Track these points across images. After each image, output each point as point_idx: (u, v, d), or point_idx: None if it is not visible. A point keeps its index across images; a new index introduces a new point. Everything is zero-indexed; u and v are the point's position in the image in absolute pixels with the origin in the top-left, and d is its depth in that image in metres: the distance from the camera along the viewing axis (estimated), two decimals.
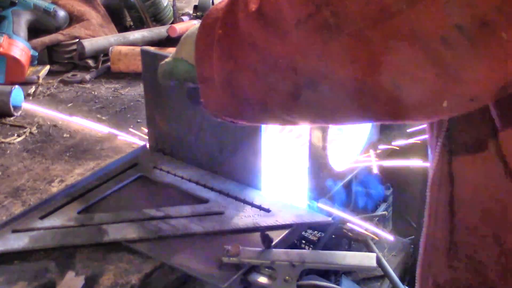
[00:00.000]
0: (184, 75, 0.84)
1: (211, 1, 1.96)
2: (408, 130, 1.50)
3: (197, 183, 1.09)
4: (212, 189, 1.07)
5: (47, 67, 1.69)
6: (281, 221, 0.99)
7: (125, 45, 1.74)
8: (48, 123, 1.39)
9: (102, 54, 1.75)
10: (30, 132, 1.34)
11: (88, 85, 1.63)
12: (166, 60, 0.88)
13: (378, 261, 1.91)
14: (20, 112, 1.44)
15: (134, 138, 1.27)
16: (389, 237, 1.22)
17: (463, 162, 0.66)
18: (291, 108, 0.64)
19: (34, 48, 1.67)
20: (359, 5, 0.51)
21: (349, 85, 0.56)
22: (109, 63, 1.71)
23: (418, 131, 1.39)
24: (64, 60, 1.75)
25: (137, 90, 1.59)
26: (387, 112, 0.57)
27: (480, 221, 0.65)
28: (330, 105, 0.60)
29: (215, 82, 0.70)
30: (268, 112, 0.68)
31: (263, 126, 1.01)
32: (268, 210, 1.01)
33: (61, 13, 1.79)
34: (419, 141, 1.31)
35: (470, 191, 0.66)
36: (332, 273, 2.08)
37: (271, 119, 0.70)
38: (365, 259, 0.90)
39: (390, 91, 0.54)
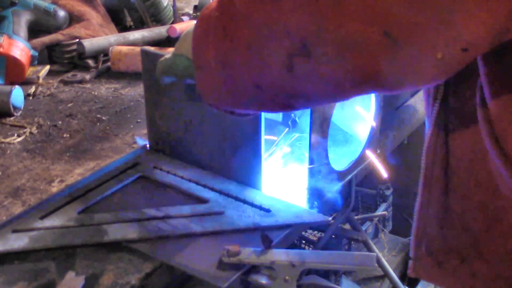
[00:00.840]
0: (183, 71, 0.84)
1: (211, 1, 1.96)
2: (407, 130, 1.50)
3: (197, 183, 1.09)
4: (212, 189, 1.07)
5: (47, 67, 1.69)
6: (281, 221, 0.99)
7: (125, 45, 1.74)
8: (48, 123, 1.39)
9: (102, 54, 1.75)
10: (30, 132, 1.34)
11: (88, 85, 1.63)
12: (166, 56, 0.88)
13: (378, 261, 1.91)
14: (20, 112, 1.44)
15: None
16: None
17: (457, 131, 0.67)
18: (285, 84, 0.64)
19: (34, 48, 1.67)
20: None
21: (341, 44, 0.56)
22: (109, 63, 1.71)
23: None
24: (64, 60, 1.75)
25: (137, 90, 1.59)
26: (387, 75, 0.56)
27: (473, 188, 0.67)
28: (323, 71, 0.59)
29: (211, 68, 0.70)
30: (263, 94, 0.67)
31: (263, 127, 1.01)
32: (268, 210, 1.01)
33: (61, 13, 1.79)
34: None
35: (464, 159, 0.68)
36: (332, 273, 2.08)
37: (267, 103, 0.69)
38: (365, 259, 0.90)
39: (383, 43, 0.53)
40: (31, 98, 1.54)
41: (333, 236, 1.99)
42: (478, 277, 0.70)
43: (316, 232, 2.18)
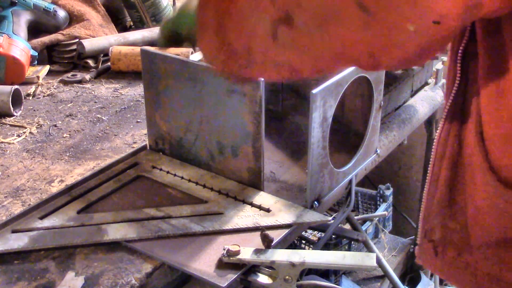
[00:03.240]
0: (188, 26, 0.84)
1: None
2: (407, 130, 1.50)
3: (197, 183, 1.09)
4: (212, 189, 1.07)
5: (47, 67, 1.69)
6: (281, 221, 0.99)
7: (125, 45, 1.74)
8: (48, 123, 1.39)
9: (102, 54, 1.75)
10: (30, 132, 1.34)
11: (88, 85, 1.63)
12: (170, 15, 0.88)
13: (378, 261, 1.92)
14: (20, 112, 1.44)
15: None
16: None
17: (467, 125, 0.70)
18: (271, 51, 0.64)
19: (34, 48, 1.67)
20: None
21: (319, 14, 0.56)
22: (109, 63, 1.71)
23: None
24: (64, 60, 1.75)
25: (137, 90, 1.59)
26: (364, 48, 0.56)
27: (470, 183, 0.69)
28: (304, 42, 0.60)
29: (211, 26, 0.70)
30: (253, 60, 0.68)
31: (263, 127, 1.01)
32: (268, 210, 1.01)
33: (61, 13, 1.79)
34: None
35: (468, 154, 0.68)
36: (332, 273, 2.08)
37: (257, 69, 0.70)
38: (365, 259, 0.90)
39: (357, 15, 0.53)
40: (31, 98, 1.54)
41: (333, 236, 2.00)
42: (472, 272, 0.71)
43: (316, 232, 2.18)
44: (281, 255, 0.89)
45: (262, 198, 1.05)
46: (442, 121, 0.74)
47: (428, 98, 1.62)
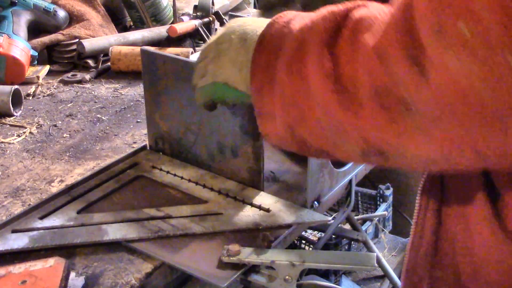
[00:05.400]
0: (232, 99, 0.78)
1: (211, 1, 1.95)
2: None
3: (196, 183, 1.09)
4: (212, 189, 1.07)
5: (47, 67, 1.69)
6: (281, 221, 0.99)
7: (125, 45, 1.74)
8: (48, 123, 1.39)
9: (102, 54, 1.75)
10: (30, 132, 1.34)
11: (88, 85, 1.63)
12: (201, 84, 0.80)
13: (378, 261, 1.91)
14: (20, 112, 1.44)
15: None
16: None
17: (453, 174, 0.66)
18: (357, 160, 0.65)
19: (34, 48, 1.67)
20: (432, 94, 0.49)
21: (422, 161, 0.55)
22: (109, 63, 1.71)
23: None
24: (64, 60, 1.75)
25: (137, 90, 1.59)
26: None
27: (461, 234, 0.65)
28: (396, 166, 0.60)
29: (276, 119, 0.66)
30: (333, 156, 0.66)
31: None
32: (268, 210, 1.01)
33: (61, 13, 1.79)
34: None
35: (456, 203, 0.65)
36: (332, 273, 2.08)
37: (339, 157, 0.68)
38: (365, 259, 0.90)
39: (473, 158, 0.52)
40: (31, 98, 1.54)
41: (333, 236, 2.00)
42: None
43: (316, 232, 2.18)
44: (281, 255, 0.89)
45: (262, 198, 1.05)
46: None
47: None
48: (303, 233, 2.10)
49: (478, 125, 0.48)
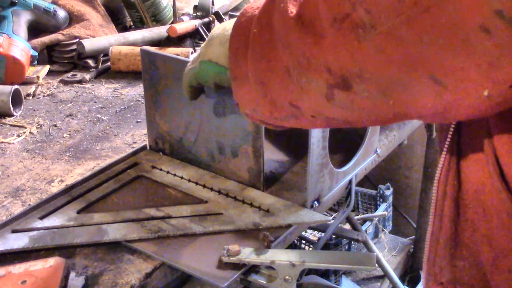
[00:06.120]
0: (213, 77, 0.82)
1: (211, 1, 1.95)
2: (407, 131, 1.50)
3: (196, 183, 1.09)
4: (212, 189, 1.07)
5: (47, 67, 1.69)
6: (281, 221, 0.99)
7: (125, 45, 1.74)
8: (48, 123, 1.39)
9: (102, 54, 1.75)
10: (30, 132, 1.34)
11: (88, 85, 1.63)
12: (189, 66, 0.86)
13: (378, 261, 1.92)
14: (20, 112, 1.44)
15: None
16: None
17: (468, 160, 0.66)
18: (323, 110, 0.64)
19: (34, 48, 1.67)
20: (392, 1, 0.50)
21: (384, 84, 0.55)
22: (109, 63, 1.71)
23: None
24: (64, 60, 1.75)
25: (137, 90, 1.59)
26: (433, 110, 0.55)
27: (480, 222, 0.65)
28: (364, 104, 0.59)
29: (248, 81, 0.69)
30: (301, 114, 0.67)
31: (264, 126, 1.01)
32: (268, 210, 1.01)
33: (61, 13, 1.79)
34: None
35: (472, 191, 0.66)
36: (332, 273, 2.08)
37: (304, 121, 0.69)
38: (365, 259, 0.90)
39: (430, 86, 0.52)
40: (31, 98, 1.54)
41: (333, 236, 2.00)
42: None
43: (316, 232, 2.18)
44: (281, 255, 0.89)
45: (262, 198, 1.05)
46: (441, 161, 0.70)
47: None
48: (303, 233, 2.11)
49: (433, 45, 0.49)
